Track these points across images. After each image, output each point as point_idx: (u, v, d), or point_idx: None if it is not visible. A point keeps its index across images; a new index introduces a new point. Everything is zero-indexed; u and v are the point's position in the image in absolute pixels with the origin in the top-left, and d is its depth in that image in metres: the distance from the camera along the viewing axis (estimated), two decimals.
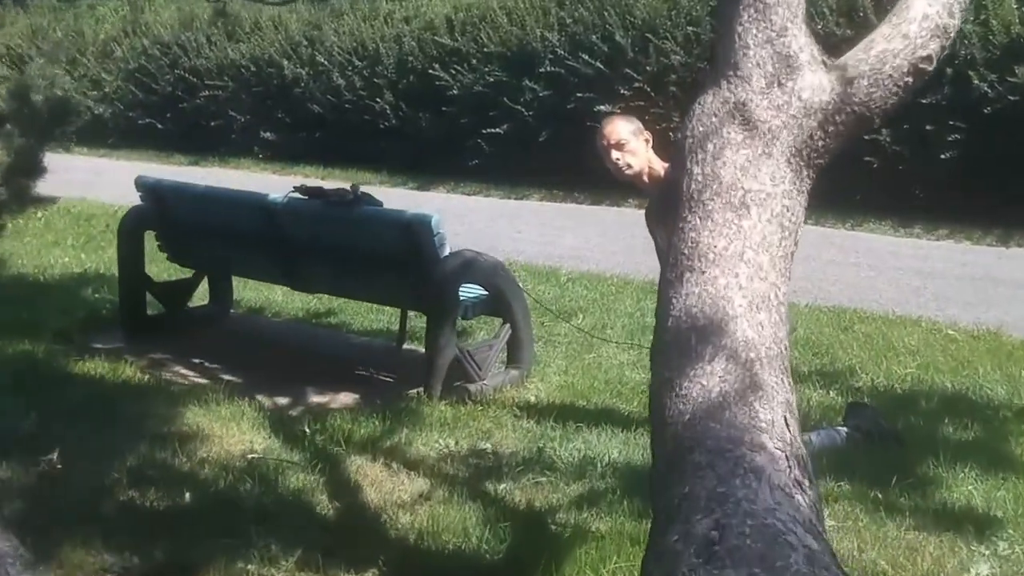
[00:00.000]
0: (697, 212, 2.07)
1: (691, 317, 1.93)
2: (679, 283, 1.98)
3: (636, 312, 6.71)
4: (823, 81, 2.18)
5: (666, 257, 2.14)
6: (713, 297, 1.94)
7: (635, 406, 4.89)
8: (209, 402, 4.50)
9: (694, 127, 2.18)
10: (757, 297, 1.94)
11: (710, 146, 2.13)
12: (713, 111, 2.16)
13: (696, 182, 2.10)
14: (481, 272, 4.91)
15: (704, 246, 2.02)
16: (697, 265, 1.99)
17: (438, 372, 4.71)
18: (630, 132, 4.04)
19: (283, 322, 6.47)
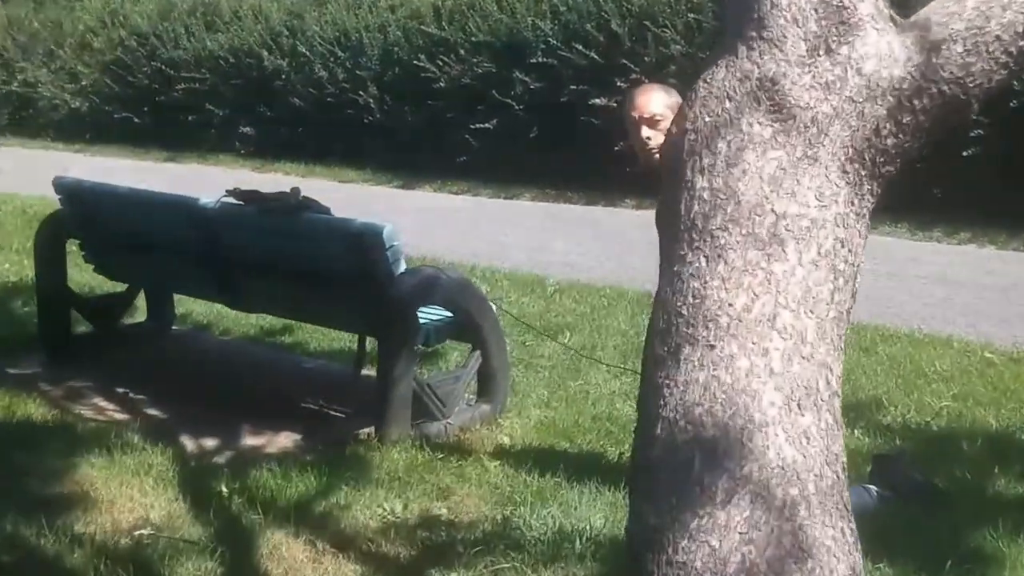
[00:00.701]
0: (702, 249, 1.34)
1: (693, 423, 1.20)
2: (674, 364, 1.25)
3: (630, 330, 5.95)
4: (894, 46, 1.42)
5: (656, 318, 1.39)
6: (729, 390, 1.21)
7: (626, 449, 4.13)
8: (113, 449, 3.76)
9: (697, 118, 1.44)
10: (798, 388, 1.21)
11: (722, 146, 1.39)
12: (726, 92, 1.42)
13: (701, 202, 1.37)
14: (445, 291, 4.16)
15: (713, 304, 1.29)
16: (702, 335, 1.26)
17: (392, 411, 3.97)
18: (667, 107, 3.29)
19: (231, 341, 5.72)
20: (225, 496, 3.45)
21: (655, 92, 3.41)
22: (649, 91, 3.42)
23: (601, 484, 3.66)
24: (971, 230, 9.05)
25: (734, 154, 1.41)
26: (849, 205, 1.40)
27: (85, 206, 4.97)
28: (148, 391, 4.78)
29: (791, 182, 1.37)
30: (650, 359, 1.38)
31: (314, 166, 13.51)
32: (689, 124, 1.47)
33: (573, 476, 3.74)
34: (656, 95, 3.39)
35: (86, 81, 17.06)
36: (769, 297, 1.30)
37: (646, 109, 3.33)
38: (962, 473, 3.97)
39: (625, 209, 10.73)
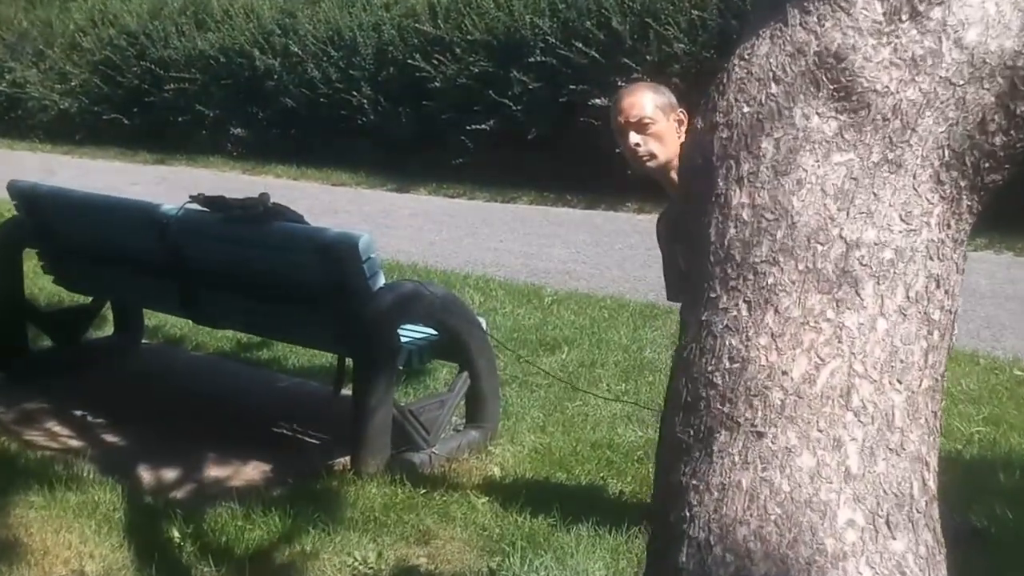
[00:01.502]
0: (742, 291, 0.96)
1: (734, 551, 0.82)
2: (704, 457, 0.88)
3: (632, 345, 5.56)
4: (1005, 8, 1.03)
5: (676, 386, 0.99)
6: (787, 501, 0.82)
7: (629, 482, 3.76)
8: (57, 485, 3.36)
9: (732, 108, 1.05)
10: (887, 497, 0.83)
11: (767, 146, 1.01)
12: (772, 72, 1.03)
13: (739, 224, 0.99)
14: (428, 307, 3.76)
15: (760, 372, 0.90)
16: (746, 417, 0.88)
17: (369, 440, 3.57)
18: (658, 108, 2.94)
19: (202, 357, 5.33)
20: (176, 543, 3.06)
21: (643, 93, 3.04)
22: (636, 92, 3.05)
23: (601, 525, 3.27)
24: (987, 235, 8.66)
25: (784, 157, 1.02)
26: (945, 228, 1.01)
27: (41, 212, 4.59)
28: (108, 414, 4.40)
29: (866, 197, 0.99)
30: (668, 446, 0.99)
31: (306, 168, 13.15)
32: (721, 117, 1.09)
33: (570, 515, 3.35)
34: (645, 96, 3.01)
35: (75, 81, 16.70)
36: (840, 362, 0.91)
37: (633, 112, 2.96)
38: (1001, 510, 3.58)
39: (626, 213, 10.35)
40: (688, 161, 1.13)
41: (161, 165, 14.53)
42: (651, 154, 2.97)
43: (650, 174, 3.06)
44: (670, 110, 3.00)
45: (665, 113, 2.98)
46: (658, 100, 2.99)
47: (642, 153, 2.97)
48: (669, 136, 2.98)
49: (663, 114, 2.97)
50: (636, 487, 3.72)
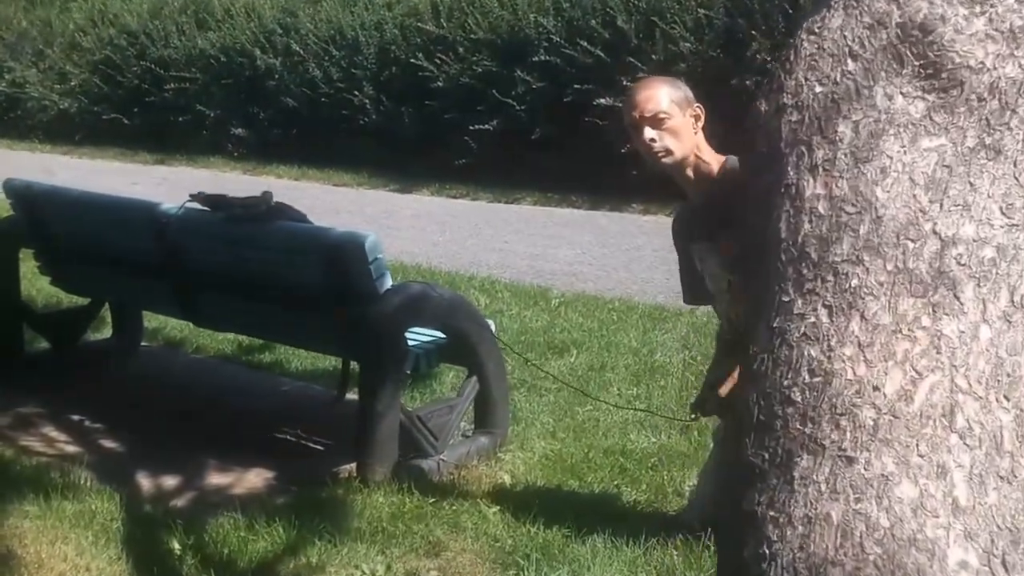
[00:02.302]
0: (821, 295, 0.85)
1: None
2: (783, 484, 0.76)
3: (642, 348, 5.44)
4: None
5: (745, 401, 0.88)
6: (887, 538, 0.70)
7: (644, 491, 3.63)
8: (52, 493, 3.24)
9: (802, 88, 0.92)
10: (1001, 533, 0.69)
11: (845, 130, 0.89)
12: (848, 47, 0.91)
13: (814, 218, 0.88)
14: (436, 310, 3.64)
15: (848, 387, 0.80)
16: (832, 438, 0.77)
17: (375, 447, 3.45)
18: (674, 103, 2.83)
19: (204, 360, 5.21)
20: (176, 554, 2.94)
21: (659, 87, 2.93)
22: (652, 86, 2.93)
23: (616, 535, 3.15)
24: None
25: (865, 143, 0.91)
26: None
27: (37, 211, 4.47)
28: (106, 419, 4.28)
29: (961, 187, 0.87)
30: (738, 470, 0.87)
31: (308, 168, 13.05)
32: (789, 98, 0.97)
33: (584, 525, 3.23)
34: (660, 90, 2.90)
35: (75, 81, 16.60)
36: (940, 376, 0.79)
37: (648, 107, 2.85)
38: None
39: (631, 214, 10.24)
40: (751, 148, 1.02)
41: (161, 165, 14.42)
42: (667, 150, 2.86)
43: (665, 171, 2.95)
44: (686, 105, 2.89)
45: (681, 108, 2.87)
46: (674, 95, 2.88)
47: (657, 149, 2.86)
48: (685, 132, 2.87)
49: (679, 109, 2.86)
50: (651, 496, 3.60)
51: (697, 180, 2.92)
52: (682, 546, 3.05)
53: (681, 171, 2.91)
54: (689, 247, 3.11)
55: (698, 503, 3.29)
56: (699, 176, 2.91)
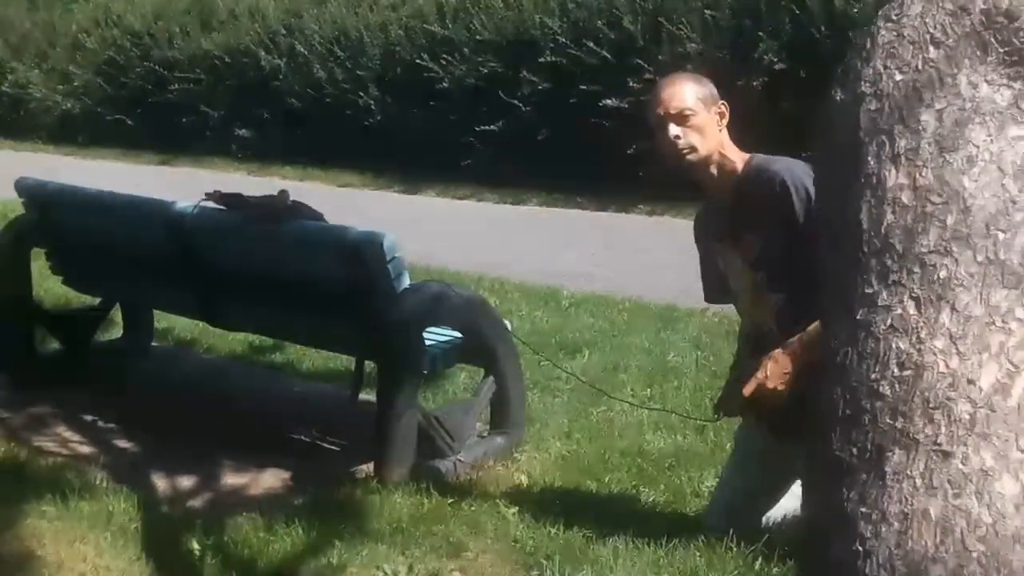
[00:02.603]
0: (908, 286, 0.84)
1: None
2: (875, 480, 0.76)
3: (655, 348, 5.42)
4: None
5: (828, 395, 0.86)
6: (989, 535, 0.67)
7: (662, 492, 3.61)
8: (70, 494, 3.22)
9: (881, 76, 0.91)
10: None
11: (928, 119, 0.88)
12: (930, 35, 0.89)
13: (898, 208, 0.86)
14: (454, 310, 3.63)
15: (941, 380, 0.79)
16: (926, 432, 0.75)
17: (393, 447, 3.43)
18: (699, 100, 2.84)
19: (215, 360, 5.19)
20: (196, 555, 2.92)
21: (684, 83, 2.92)
22: (677, 82, 2.92)
23: (638, 536, 3.12)
24: None
25: (950, 132, 0.89)
26: None
27: (49, 210, 4.45)
28: (120, 419, 4.26)
29: None
30: (824, 466, 0.85)
31: (312, 169, 13.02)
32: (867, 87, 0.95)
33: (605, 526, 3.20)
34: (685, 86, 2.89)
35: (78, 82, 16.59)
36: None
37: (673, 103, 2.84)
38: None
39: (638, 215, 10.21)
40: (825, 136, 1.00)
41: (165, 166, 14.40)
42: (691, 147, 2.85)
43: (688, 169, 2.93)
44: (711, 102, 2.88)
45: (706, 105, 2.86)
46: (699, 91, 2.87)
47: (682, 146, 2.85)
48: (710, 129, 2.86)
49: (704, 106, 2.86)
50: (670, 497, 3.58)
51: (721, 178, 2.91)
52: (704, 547, 3.03)
53: (705, 169, 2.90)
54: (712, 245, 3.09)
55: (718, 504, 3.27)
56: (723, 174, 2.90)
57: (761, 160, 2.88)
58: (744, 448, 3.22)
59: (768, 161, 2.86)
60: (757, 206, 2.83)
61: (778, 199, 2.75)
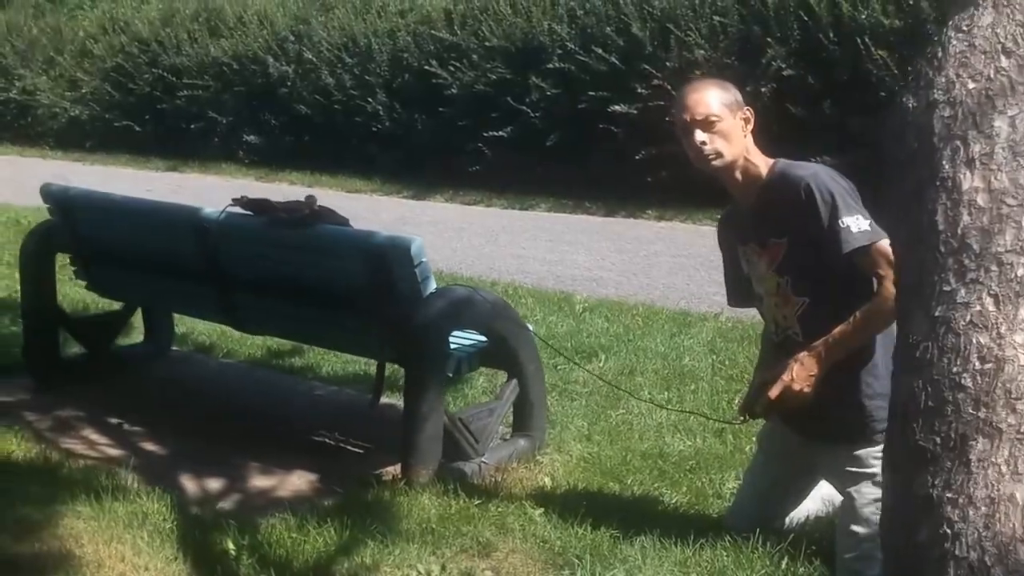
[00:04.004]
0: (985, 283, 0.91)
1: (1017, 570, 0.70)
2: (959, 467, 0.81)
3: (670, 352, 5.45)
4: None
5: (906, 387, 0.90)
6: None
7: (684, 493, 3.65)
8: (103, 495, 3.26)
9: (953, 84, 0.95)
10: None
11: (1001, 125, 0.95)
12: (1000, 44, 0.94)
13: (973, 210, 0.92)
14: (478, 314, 3.67)
15: (1019, 373, 0.79)
16: (1009, 422, 0.79)
17: (420, 449, 3.47)
18: (724, 106, 2.89)
19: (234, 365, 5.24)
20: (232, 555, 2.96)
21: (710, 89, 2.96)
22: (702, 88, 2.97)
23: (665, 536, 3.16)
24: None
25: (1023, 137, 0.94)
26: None
27: (75, 216, 4.50)
28: (145, 422, 4.30)
29: None
30: (907, 455, 0.89)
31: (321, 175, 13.08)
32: (940, 94, 1.00)
33: (631, 527, 3.24)
34: (711, 92, 2.94)
35: (86, 88, 16.67)
36: None
37: (699, 109, 2.89)
38: None
39: (646, 220, 10.27)
40: (902, 142, 1.04)
41: (174, 172, 14.46)
42: (717, 153, 2.90)
43: (713, 174, 2.98)
44: (736, 108, 2.93)
45: (732, 111, 2.91)
46: (725, 97, 2.92)
47: (708, 152, 2.90)
48: (735, 135, 2.91)
49: (729, 112, 2.90)
50: (692, 498, 3.62)
51: (746, 183, 2.96)
52: (731, 547, 3.07)
53: (730, 174, 2.94)
54: (736, 249, 3.13)
55: (741, 505, 3.31)
56: (748, 179, 2.95)
57: (785, 165, 2.93)
58: (768, 450, 3.26)
59: (792, 166, 2.91)
60: (782, 210, 2.88)
61: (803, 204, 2.79)
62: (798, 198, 2.80)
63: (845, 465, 2.96)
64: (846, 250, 2.76)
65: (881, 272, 2.77)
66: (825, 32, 9.49)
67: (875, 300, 2.80)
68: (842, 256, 2.77)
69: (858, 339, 2.84)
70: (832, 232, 2.76)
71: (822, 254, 2.81)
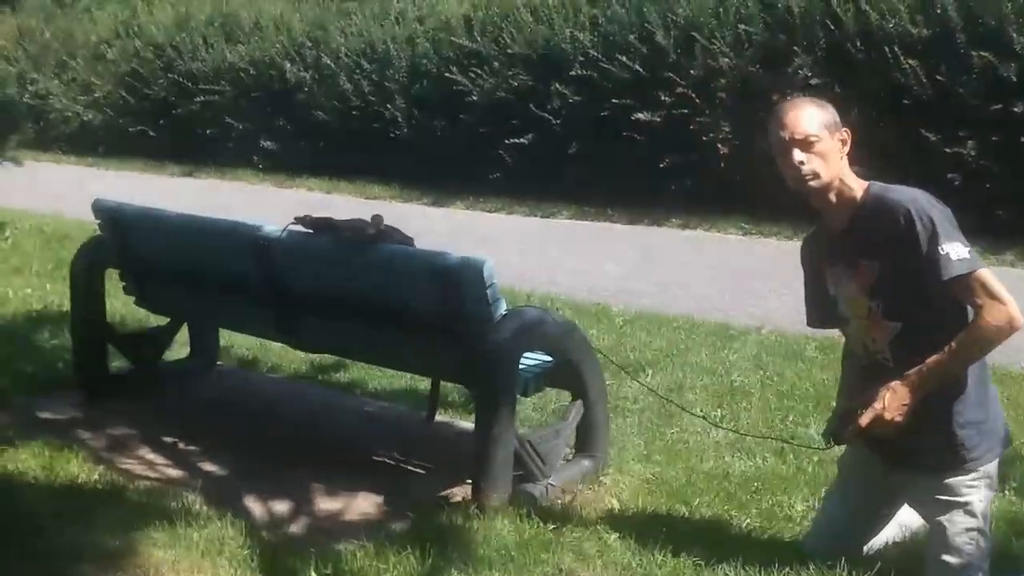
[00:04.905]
0: None
1: None
2: None
3: (718, 368, 5.43)
4: None
5: None
6: None
7: (755, 517, 3.62)
8: (177, 521, 3.23)
9: None
10: None
11: None
12: None
13: None
14: (549, 335, 3.64)
15: None
16: None
17: (492, 473, 3.44)
18: (824, 126, 2.86)
19: (281, 380, 5.20)
20: None
21: (809, 108, 2.93)
22: (801, 107, 2.94)
23: (747, 563, 3.13)
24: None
25: None
26: None
27: (128, 232, 4.46)
28: (200, 440, 4.27)
29: None
30: None
31: (338, 182, 13.06)
32: None
33: (709, 552, 3.21)
34: (811, 112, 2.91)
35: (99, 93, 16.63)
36: None
37: (799, 128, 2.86)
38: None
39: (671, 228, 10.23)
40: None
41: (189, 178, 14.43)
42: (814, 174, 2.86)
43: (808, 195, 2.94)
44: (835, 128, 2.89)
45: (830, 131, 2.88)
46: (824, 117, 2.89)
47: (806, 172, 2.86)
48: (832, 156, 2.88)
49: (828, 132, 2.87)
50: (764, 522, 3.59)
51: (839, 205, 2.92)
52: (816, 574, 3.04)
53: (824, 195, 2.90)
54: (823, 270, 3.10)
55: (821, 529, 3.28)
56: (841, 201, 2.91)
57: (881, 188, 2.90)
58: (851, 475, 3.22)
59: (889, 190, 2.88)
60: (877, 234, 2.84)
61: (902, 229, 2.76)
62: (896, 223, 2.77)
63: (935, 494, 2.93)
64: (945, 277, 2.72)
65: (979, 301, 2.74)
66: (852, 41, 9.46)
67: (971, 329, 2.77)
68: (940, 283, 2.73)
69: (954, 369, 2.80)
70: (931, 259, 2.72)
71: (919, 280, 2.77)
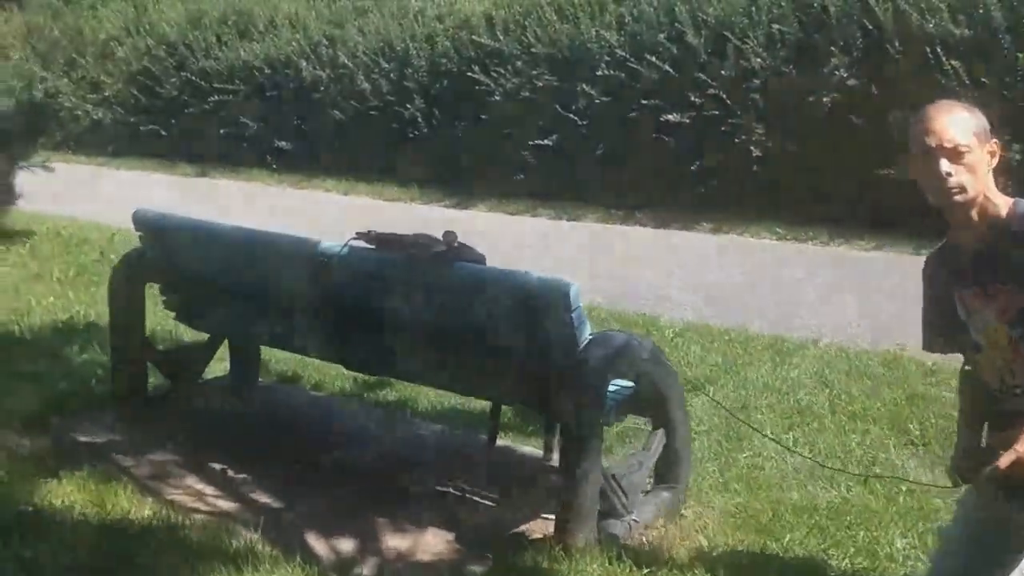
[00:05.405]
0: None
1: None
2: None
3: (781, 385, 5.17)
4: None
5: None
6: None
7: (853, 555, 3.38)
8: (244, 567, 2.98)
9: None
10: None
11: None
12: None
13: None
14: (635, 362, 3.39)
15: None
16: None
17: (578, 511, 3.19)
18: (975, 135, 2.56)
19: (325, 398, 4.95)
20: None
21: (960, 114, 2.62)
22: (951, 112, 2.62)
23: None
24: None
25: None
26: None
27: (171, 245, 4.21)
28: (248, 467, 4.02)
29: None
30: None
31: (355, 182, 12.77)
32: None
33: None
34: (961, 118, 2.60)
35: (109, 91, 16.35)
36: None
37: (948, 136, 2.56)
38: None
39: (702, 233, 9.94)
40: None
41: (202, 178, 14.14)
42: (961, 187, 2.57)
43: (950, 209, 2.65)
44: (985, 139, 2.60)
45: (981, 142, 2.58)
46: (975, 125, 2.59)
47: (952, 185, 2.56)
48: (981, 169, 2.58)
49: (979, 142, 2.57)
50: (866, 561, 3.35)
51: (980, 222, 2.64)
52: None
53: (966, 211, 2.63)
54: (952, 292, 2.83)
55: (942, 573, 3.03)
56: (983, 218, 2.63)
57: None
58: (976, 517, 2.96)
59: None
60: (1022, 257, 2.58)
61: None
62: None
63: None
64: None
65: None
66: (891, 41, 9.20)
67: None
68: None
69: None
70: None
71: None
